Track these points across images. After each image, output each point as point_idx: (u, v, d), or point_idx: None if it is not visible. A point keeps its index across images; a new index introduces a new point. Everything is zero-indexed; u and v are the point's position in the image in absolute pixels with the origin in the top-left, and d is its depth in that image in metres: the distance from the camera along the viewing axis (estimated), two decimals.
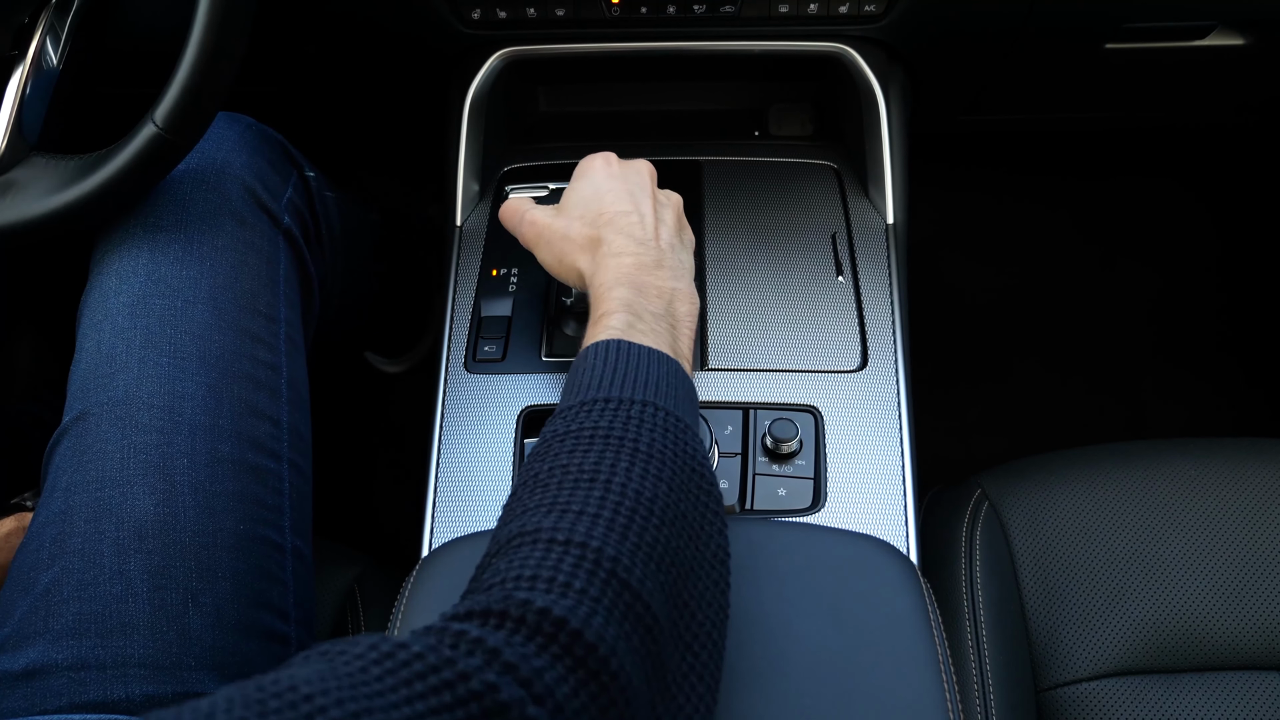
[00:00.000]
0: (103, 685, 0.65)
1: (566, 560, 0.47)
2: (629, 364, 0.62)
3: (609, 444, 0.55)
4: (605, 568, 0.47)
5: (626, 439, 0.55)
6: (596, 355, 0.63)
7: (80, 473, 0.71)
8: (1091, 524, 0.87)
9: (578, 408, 0.58)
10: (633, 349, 0.63)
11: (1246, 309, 1.60)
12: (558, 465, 0.54)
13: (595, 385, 0.60)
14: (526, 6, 0.93)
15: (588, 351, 0.64)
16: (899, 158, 0.99)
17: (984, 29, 0.97)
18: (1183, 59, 1.05)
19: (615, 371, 0.61)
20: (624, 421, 0.57)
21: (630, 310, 0.67)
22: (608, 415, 0.57)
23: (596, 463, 0.54)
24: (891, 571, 0.67)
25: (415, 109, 1.28)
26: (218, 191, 0.81)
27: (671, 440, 0.57)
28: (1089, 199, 1.66)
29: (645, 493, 0.53)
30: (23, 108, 0.77)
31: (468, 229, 0.99)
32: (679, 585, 0.52)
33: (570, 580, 0.46)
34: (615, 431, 0.56)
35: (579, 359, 0.64)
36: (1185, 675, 0.82)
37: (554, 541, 0.48)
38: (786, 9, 0.92)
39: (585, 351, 0.64)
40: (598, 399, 0.59)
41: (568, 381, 0.63)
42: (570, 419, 0.58)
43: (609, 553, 0.48)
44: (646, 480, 0.53)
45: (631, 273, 0.70)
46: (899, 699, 0.61)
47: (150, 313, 0.76)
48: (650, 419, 0.57)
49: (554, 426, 0.58)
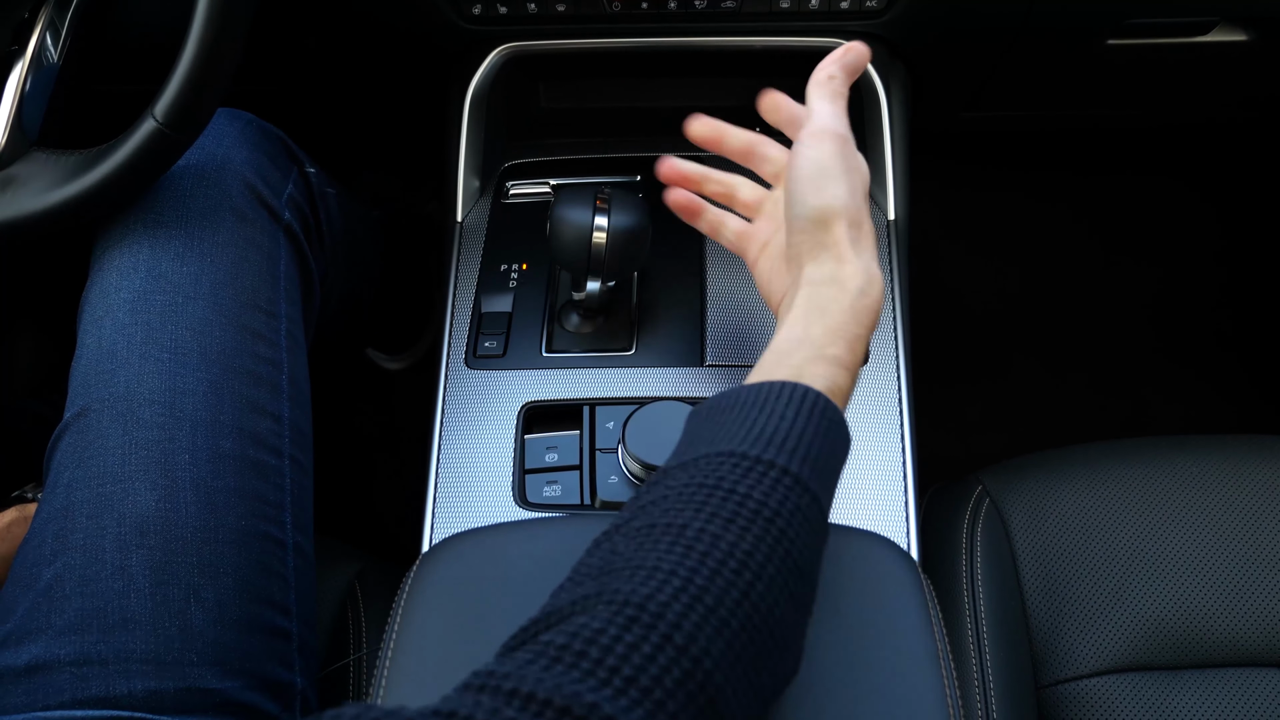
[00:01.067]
0: (105, 681, 0.65)
1: (642, 648, 0.42)
2: (813, 427, 0.54)
3: (766, 536, 0.49)
4: (682, 667, 0.43)
5: (782, 539, 0.49)
6: (783, 399, 0.55)
7: (81, 469, 0.71)
8: (1092, 521, 0.87)
9: (749, 464, 0.51)
10: (824, 407, 0.56)
11: (1247, 306, 1.60)
12: (704, 532, 0.48)
13: (769, 438, 0.52)
14: (527, 2, 0.93)
15: (773, 389, 0.56)
16: (900, 154, 0.99)
17: (985, 25, 0.97)
18: (1184, 56, 1.05)
19: (797, 430, 0.53)
20: (788, 511, 0.50)
21: (846, 369, 0.59)
22: (779, 494, 0.50)
23: (747, 555, 0.47)
24: (892, 568, 0.67)
25: (415, 105, 1.28)
26: (218, 187, 0.81)
27: (808, 546, 0.52)
28: (1090, 196, 1.66)
29: (762, 606, 0.47)
30: (23, 103, 0.77)
31: (468, 225, 0.99)
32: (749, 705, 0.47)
33: (635, 675, 0.41)
34: (773, 521, 0.49)
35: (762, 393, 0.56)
36: (1186, 672, 0.82)
37: (635, 622, 0.43)
38: (787, 4, 0.92)
39: (769, 388, 0.56)
40: (770, 460, 0.51)
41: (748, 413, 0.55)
42: (736, 475, 0.51)
43: (693, 652, 0.43)
44: (776, 596, 0.48)
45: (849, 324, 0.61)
46: (899, 695, 0.61)
47: (151, 309, 0.76)
48: (808, 515, 0.51)
49: (711, 471, 0.51)
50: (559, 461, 0.83)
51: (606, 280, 0.82)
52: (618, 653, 0.42)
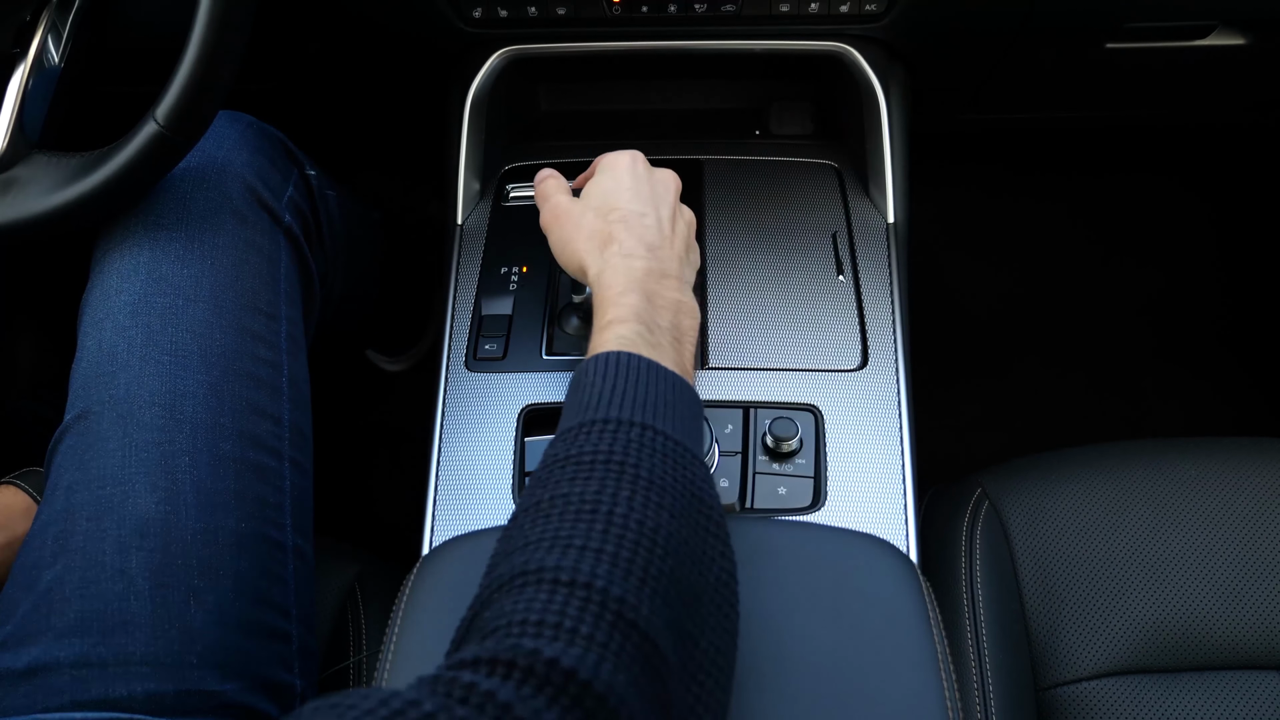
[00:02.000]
0: (105, 683, 0.65)
1: (573, 603, 0.46)
2: (635, 381, 0.61)
3: (609, 470, 0.54)
4: (611, 609, 0.47)
5: (628, 465, 0.55)
6: (601, 369, 0.62)
7: (82, 471, 0.71)
8: (1091, 523, 0.87)
9: (578, 430, 0.57)
10: (640, 364, 0.62)
11: (1247, 308, 1.60)
12: (559, 494, 0.53)
13: (598, 404, 0.59)
14: (528, 5, 0.93)
15: (592, 364, 0.63)
16: (899, 156, 0.99)
17: (984, 28, 0.97)
18: (1184, 59, 1.05)
19: (620, 389, 0.60)
20: (624, 446, 0.56)
21: (640, 320, 0.66)
22: (607, 439, 0.56)
23: (598, 492, 0.53)
24: (891, 570, 0.67)
25: (416, 107, 1.28)
26: (219, 190, 0.81)
27: (673, 466, 0.56)
28: (1089, 197, 1.66)
29: (648, 523, 0.52)
30: (24, 105, 0.77)
31: (469, 227, 0.99)
32: (685, 616, 0.51)
33: (577, 625, 0.45)
34: (616, 457, 0.55)
35: (583, 370, 0.63)
36: (1185, 674, 0.82)
37: (558, 582, 0.47)
38: (787, 8, 0.92)
39: (590, 363, 0.63)
40: (598, 420, 0.58)
41: (570, 393, 0.62)
42: (571, 442, 0.57)
43: (615, 592, 0.47)
44: (649, 510, 0.53)
45: (642, 279, 0.69)
46: (898, 697, 0.61)
47: (151, 311, 0.76)
48: (651, 444, 0.57)
49: (555, 450, 0.57)
50: None
51: None
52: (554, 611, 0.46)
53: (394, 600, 0.69)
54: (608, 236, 0.72)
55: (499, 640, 0.45)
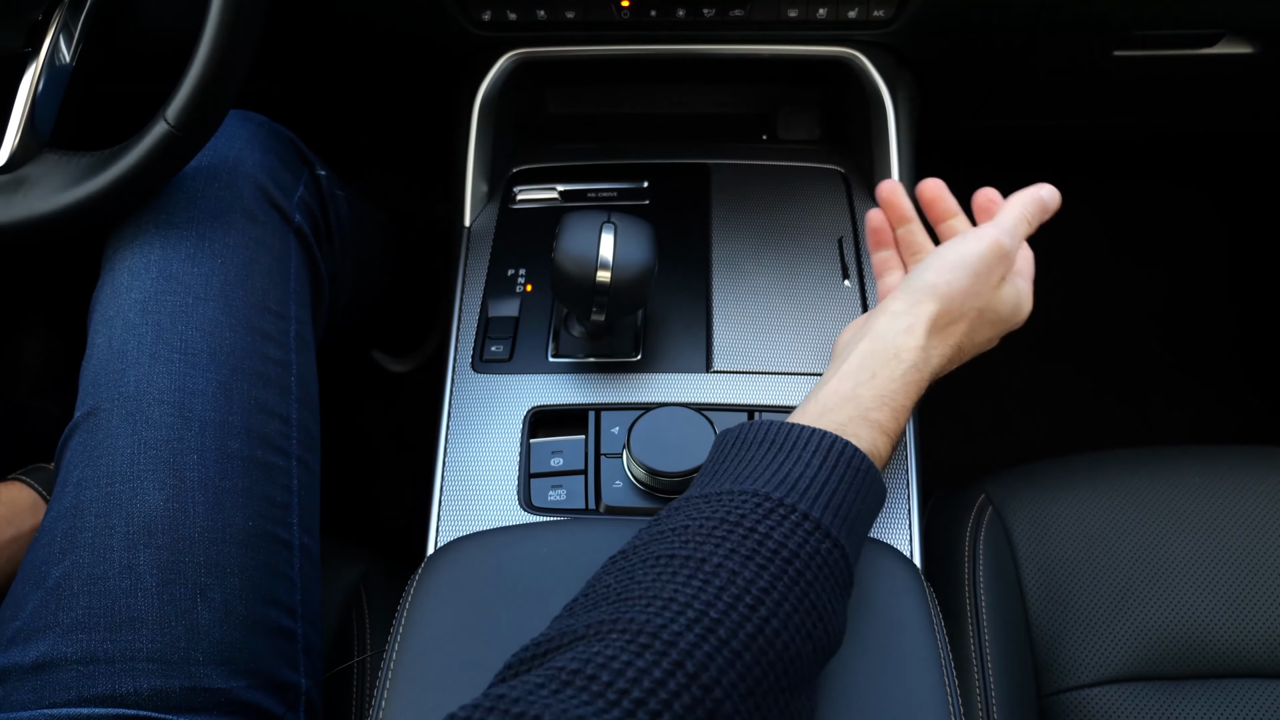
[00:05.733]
0: (111, 679, 0.66)
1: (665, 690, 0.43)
2: (847, 480, 0.55)
3: (789, 579, 0.49)
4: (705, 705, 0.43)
5: (804, 580, 0.50)
6: (818, 447, 0.56)
7: (91, 468, 0.71)
8: (1096, 529, 0.87)
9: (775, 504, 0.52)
10: (861, 463, 0.57)
11: (1255, 316, 1.60)
12: (722, 568, 0.48)
13: (803, 485, 0.54)
14: (536, 8, 0.93)
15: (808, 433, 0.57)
16: (906, 162, 0.99)
17: (991, 36, 0.98)
18: (1191, 67, 1.05)
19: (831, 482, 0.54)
20: (812, 555, 0.51)
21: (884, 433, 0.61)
22: (802, 538, 0.51)
23: (764, 593, 0.48)
24: (895, 574, 0.67)
25: (424, 109, 1.29)
26: (230, 189, 0.82)
27: (833, 594, 0.52)
28: (1098, 203, 1.66)
29: (791, 651, 0.48)
30: (35, 105, 0.77)
31: (476, 229, 1.00)
32: None
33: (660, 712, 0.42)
34: (798, 564, 0.50)
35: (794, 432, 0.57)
36: (1188, 682, 0.82)
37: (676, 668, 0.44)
38: (795, 13, 0.93)
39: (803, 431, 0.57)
40: (798, 507, 0.52)
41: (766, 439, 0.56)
42: (761, 514, 0.52)
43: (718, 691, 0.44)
44: (796, 638, 0.48)
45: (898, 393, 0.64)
46: (901, 702, 0.61)
47: (161, 309, 0.76)
48: (833, 564, 0.52)
49: (739, 505, 0.52)
50: (564, 466, 0.83)
51: (609, 321, 0.83)
52: (628, 677, 0.43)
53: (399, 600, 0.69)
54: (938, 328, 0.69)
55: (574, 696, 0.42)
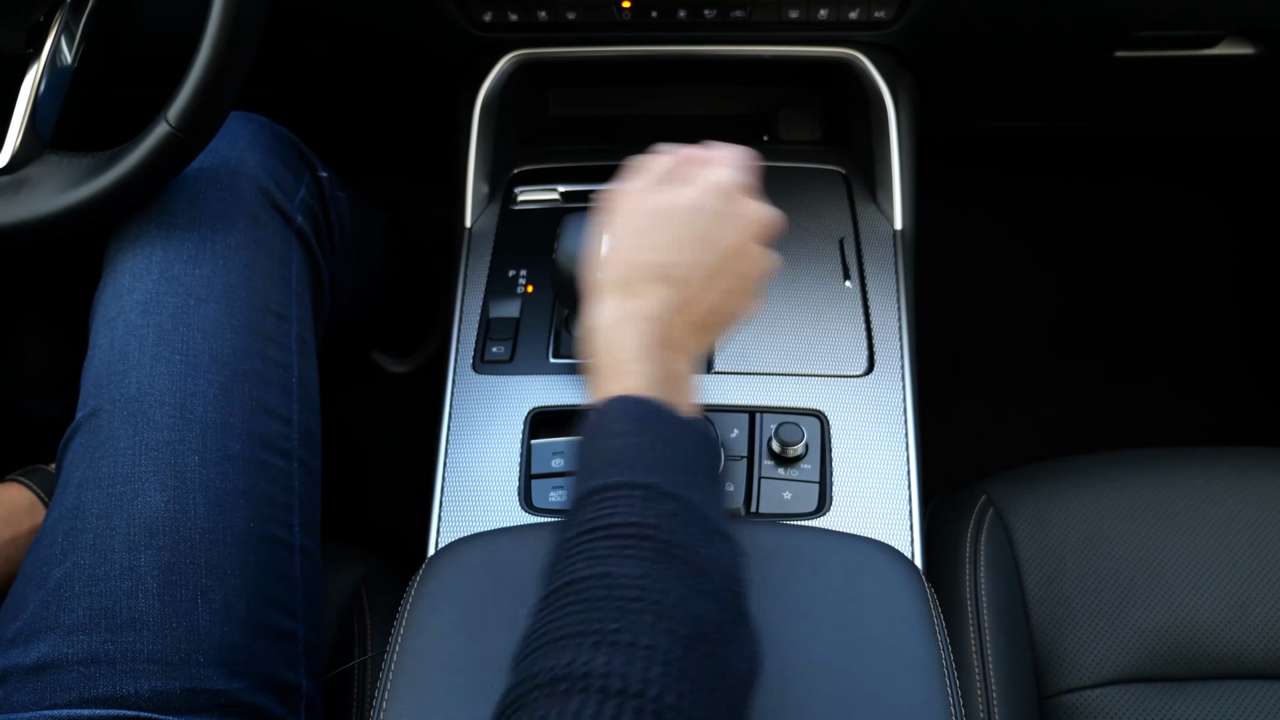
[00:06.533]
0: (112, 680, 0.66)
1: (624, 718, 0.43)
2: (664, 437, 0.56)
3: (653, 551, 0.50)
4: None
5: (673, 546, 0.51)
6: (626, 415, 0.56)
7: (92, 469, 0.71)
8: (1097, 531, 0.87)
9: (610, 494, 0.53)
10: (665, 416, 0.57)
11: (1260, 316, 1.60)
12: (598, 573, 0.49)
13: (630, 461, 0.54)
14: (538, 9, 0.93)
15: (617, 407, 0.57)
16: (907, 163, 0.99)
17: (993, 36, 0.98)
18: (1192, 68, 1.05)
19: (649, 445, 0.55)
20: (661, 520, 0.51)
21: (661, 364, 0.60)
22: (641, 509, 0.52)
23: (642, 576, 0.49)
24: (896, 576, 0.67)
25: (425, 110, 1.29)
26: (231, 190, 0.82)
27: (708, 546, 0.53)
28: (1100, 203, 1.66)
29: (696, 612, 0.49)
30: (37, 106, 0.77)
31: (477, 230, 1.00)
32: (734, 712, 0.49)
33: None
34: (661, 534, 0.51)
35: (604, 415, 0.57)
36: (1190, 684, 0.82)
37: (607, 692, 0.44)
38: (796, 14, 0.93)
39: (612, 406, 0.57)
40: (635, 484, 0.53)
41: (591, 439, 0.57)
42: (602, 506, 0.52)
43: (669, 700, 0.44)
44: (695, 599, 0.49)
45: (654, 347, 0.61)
46: (902, 703, 0.61)
47: (163, 310, 0.76)
48: (689, 520, 0.53)
49: (586, 515, 0.52)
50: (565, 467, 0.83)
51: None
52: None
53: (400, 601, 0.69)
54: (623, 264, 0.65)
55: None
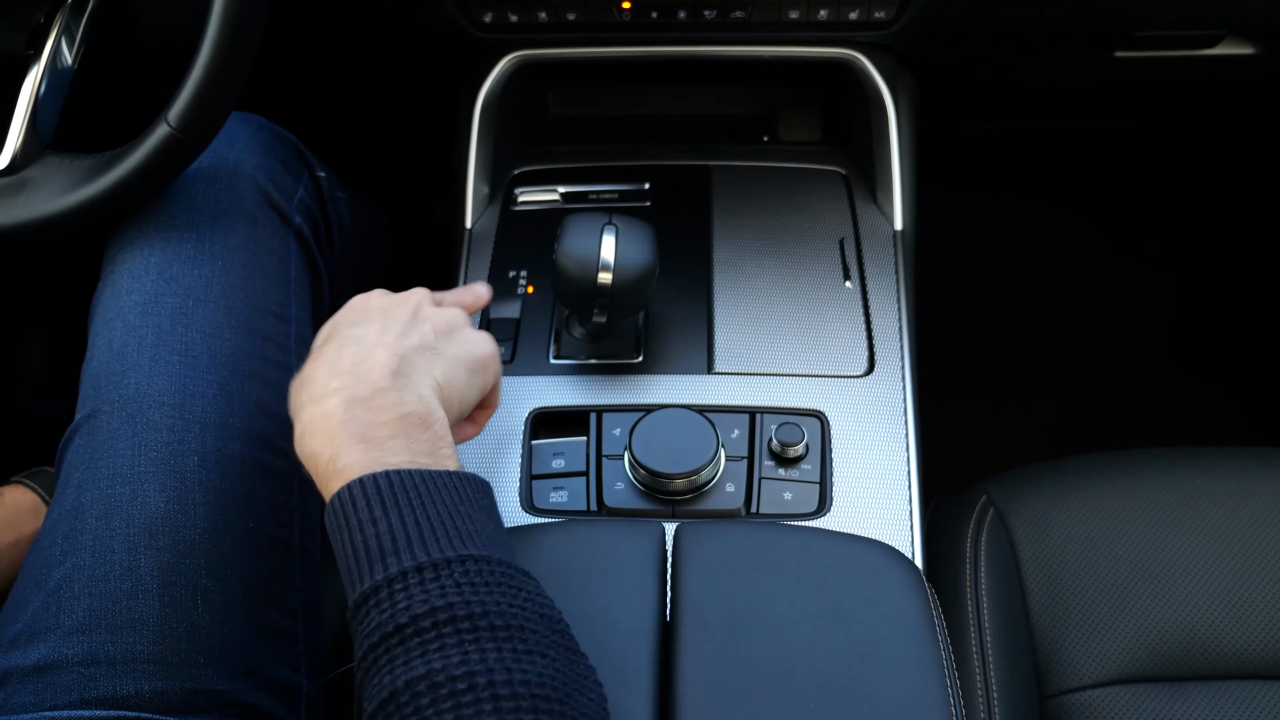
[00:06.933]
0: (112, 681, 0.66)
1: None
2: (415, 502, 0.52)
3: (461, 631, 0.47)
4: None
5: (476, 616, 0.47)
6: (370, 499, 0.52)
7: (92, 470, 0.71)
8: (1097, 531, 0.87)
9: (390, 588, 0.49)
10: (409, 479, 0.53)
11: (1257, 317, 1.60)
12: (416, 678, 0.46)
13: (394, 546, 0.50)
14: (538, 10, 0.93)
15: (356, 491, 0.53)
16: (907, 163, 0.99)
17: (993, 36, 0.98)
18: (1192, 68, 1.05)
19: (408, 519, 0.51)
20: (457, 589, 0.48)
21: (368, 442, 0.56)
22: (434, 589, 0.48)
23: (462, 662, 0.45)
24: (896, 576, 0.67)
25: (425, 111, 1.29)
26: (230, 191, 0.82)
27: (515, 595, 0.50)
28: (1099, 205, 1.66)
29: (531, 677, 0.46)
30: (38, 107, 0.78)
31: (477, 231, 1.00)
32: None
33: None
34: (458, 610, 0.47)
35: (344, 505, 0.53)
36: (1190, 684, 0.82)
37: None
38: (797, 15, 0.93)
39: (349, 495, 0.53)
40: (407, 569, 0.49)
41: (348, 543, 0.52)
42: (392, 606, 0.48)
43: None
44: (522, 661, 0.46)
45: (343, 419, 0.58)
46: (903, 704, 0.61)
47: (162, 311, 0.76)
48: (483, 577, 0.49)
49: (377, 620, 0.49)
50: (566, 468, 0.83)
51: (611, 323, 0.83)
52: None
53: None
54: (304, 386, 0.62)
55: None
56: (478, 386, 0.67)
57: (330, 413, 0.58)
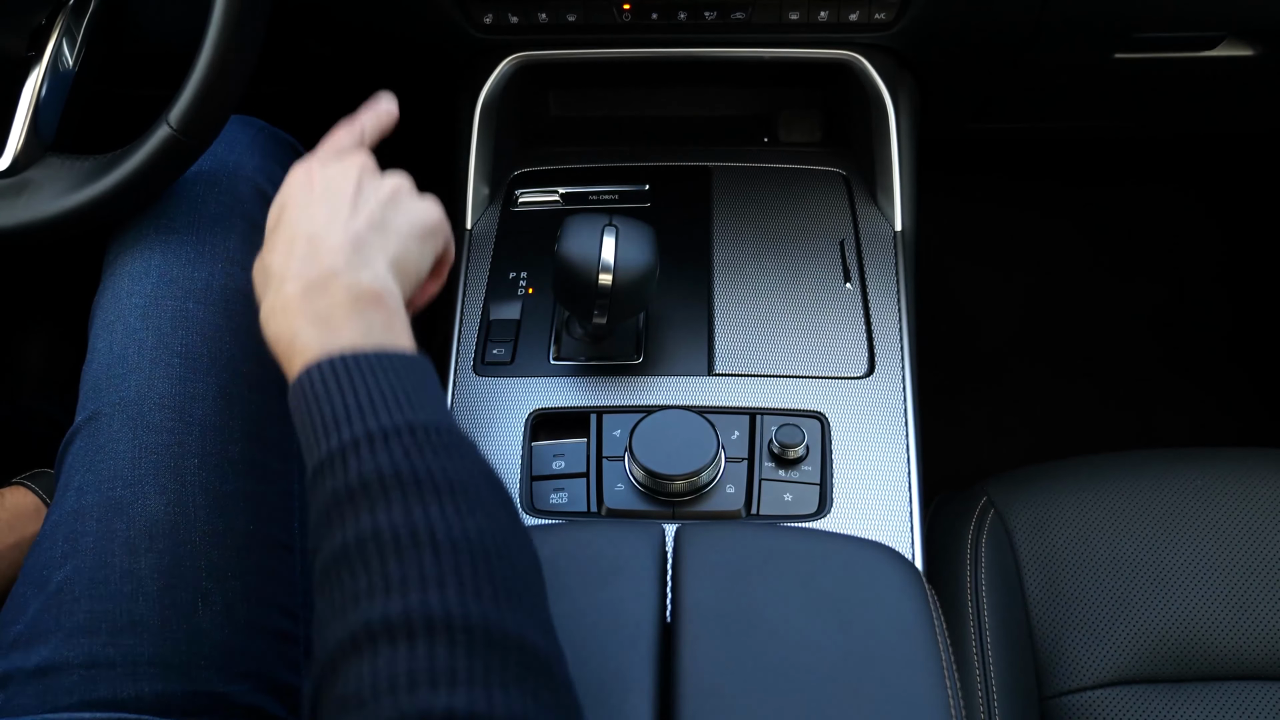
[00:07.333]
0: (113, 683, 0.66)
1: (438, 648, 0.44)
2: (369, 381, 0.55)
3: (406, 490, 0.50)
4: (478, 634, 0.45)
5: (421, 478, 0.50)
6: (327, 380, 0.55)
7: (92, 472, 0.71)
8: (1096, 532, 0.87)
9: (343, 455, 0.52)
10: (362, 362, 0.56)
11: (1253, 319, 1.60)
12: (364, 532, 0.49)
13: (348, 418, 0.53)
14: (538, 11, 0.93)
15: (312, 378, 0.56)
16: (907, 165, 0.99)
17: (993, 37, 0.98)
18: (1192, 70, 1.05)
19: (361, 396, 0.54)
20: (405, 456, 0.51)
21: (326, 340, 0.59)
22: (383, 455, 0.51)
23: (406, 518, 0.48)
24: (896, 578, 0.67)
25: (425, 112, 1.29)
26: (230, 193, 0.82)
27: (459, 457, 0.53)
28: (1097, 207, 1.66)
29: (471, 531, 0.49)
30: (39, 109, 0.78)
31: (478, 232, 1.00)
32: (537, 604, 0.50)
33: (453, 666, 0.43)
34: (405, 472, 0.50)
35: (307, 390, 0.56)
36: (1189, 685, 0.82)
37: (413, 630, 0.44)
38: (797, 16, 0.93)
39: (307, 378, 0.56)
40: (359, 437, 0.52)
41: (306, 419, 0.55)
42: (345, 471, 0.51)
43: (474, 617, 0.45)
44: (465, 518, 0.49)
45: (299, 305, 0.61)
46: (903, 705, 0.61)
47: (162, 314, 0.76)
48: (430, 443, 0.52)
49: (331, 485, 0.52)
50: (566, 469, 0.83)
51: (611, 324, 0.83)
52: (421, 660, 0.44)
53: None
54: (264, 272, 0.64)
55: (381, 710, 0.42)
56: (430, 254, 0.69)
57: (289, 299, 0.61)
